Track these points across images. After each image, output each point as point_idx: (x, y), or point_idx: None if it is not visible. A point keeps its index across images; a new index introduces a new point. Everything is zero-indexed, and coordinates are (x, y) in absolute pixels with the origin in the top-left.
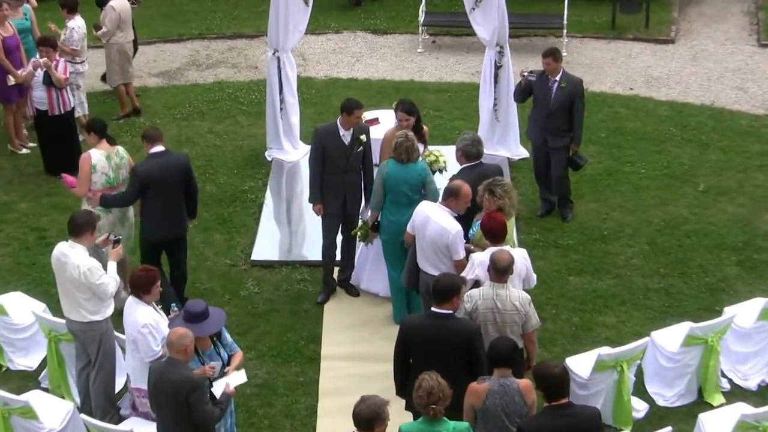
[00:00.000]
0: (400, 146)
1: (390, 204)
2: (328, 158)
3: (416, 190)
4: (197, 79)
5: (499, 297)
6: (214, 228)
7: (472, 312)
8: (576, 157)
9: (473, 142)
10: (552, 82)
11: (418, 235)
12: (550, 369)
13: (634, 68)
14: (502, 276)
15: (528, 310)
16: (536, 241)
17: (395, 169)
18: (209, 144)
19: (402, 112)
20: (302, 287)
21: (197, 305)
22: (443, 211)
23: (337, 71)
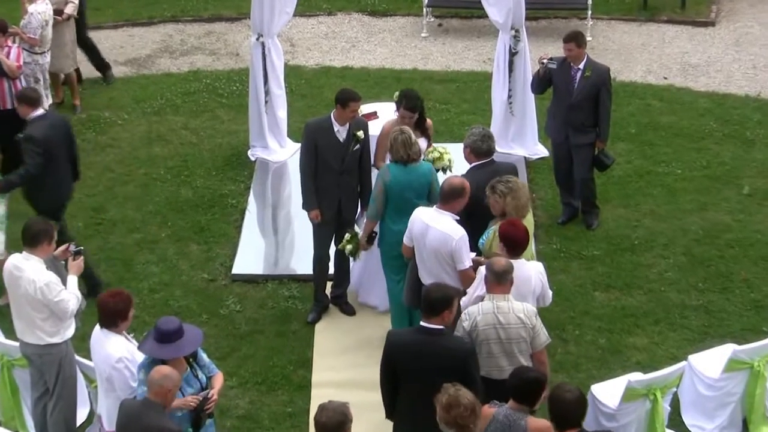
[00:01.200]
0: (396, 141)
1: (392, 212)
2: (321, 158)
3: (422, 195)
4: (170, 67)
5: (501, 310)
6: (190, 237)
7: (472, 330)
8: (602, 156)
9: (483, 138)
10: (575, 70)
11: (418, 245)
12: (563, 393)
13: (668, 54)
14: (500, 283)
15: (536, 324)
16: (557, 252)
17: (398, 172)
18: (184, 142)
19: (405, 109)
20: (290, 305)
21: (170, 323)
22: (442, 215)
23: (330, 59)
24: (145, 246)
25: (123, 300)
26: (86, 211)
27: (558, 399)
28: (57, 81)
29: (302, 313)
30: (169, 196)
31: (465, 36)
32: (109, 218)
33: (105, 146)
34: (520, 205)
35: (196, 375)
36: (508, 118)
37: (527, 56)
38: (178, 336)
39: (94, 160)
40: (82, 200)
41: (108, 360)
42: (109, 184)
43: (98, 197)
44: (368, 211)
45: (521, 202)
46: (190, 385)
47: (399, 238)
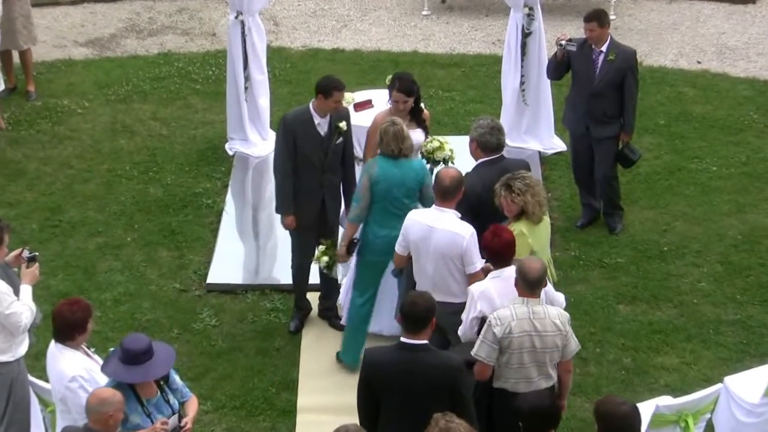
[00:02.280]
0: (387, 133)
1: (378, 215)
2: (301, 155)
3: (412, 195)
4: (137, 49)
5: (537, 316)
6: (159, 242)
7: (504, 338)
8: (627, 151)
9: (491, 130)
10: (596, 53)
11: (418, 252)
12: (616, 407)
13: (703, 35)
14: (534, 290)
15: (569, 330)
16: (575, 260)
17: (387, 167)
18: (153, 134)
19: (399, 92)
20: (273, 318)
21: (138, 341)
22: (444, 213)
23: (319, 40)
24: (108, 252)
25: (81, 309)
26: (41, 212)
27: (610, 413)
28: (8, 61)
29: (286, 328)
30: (135, 195)
31: (472, 14)
32: (68, 220)
33: (63, 138)
34: (542, 202)
35: (167, 400)
36: (520, 107)
37: (542, 37)
38: (147, 356)
39: (50, 154)
40: (37, 200)
41: (61, 378)
42: (68, 181)
43: (55, 196)
44: (350, 212)
45: (542, 198)
46: (161, 412)
47: (387, 245)
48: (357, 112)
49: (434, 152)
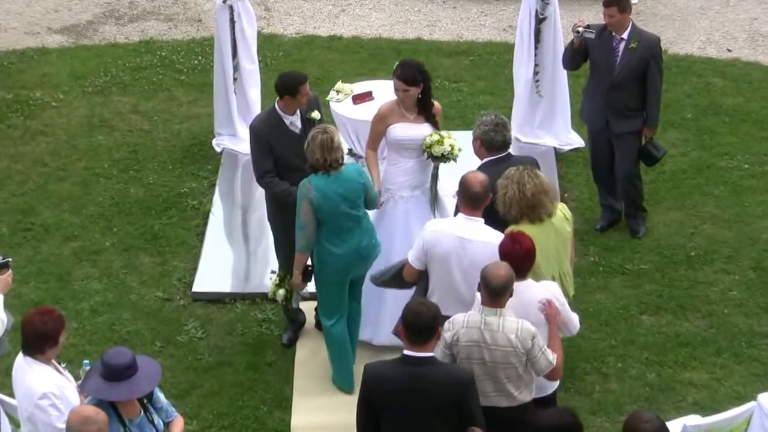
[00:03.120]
0: (313, 141)
1: (329, 234)
2: (280, 159)
3: (357, 204)
4: (116, 36)
5: (489, 327)
6: (140, 247)
7: (453, 344)
8: (651, 147)
9: (496, 127)
10: (617, 41)
11: (446, 268)
12: (641, 424)
13: (733, 21)
14: (495, 299)
15: (531, 348)
16: (595, 266)
17: (324, 187)
18: (133, 128)
19: (398, 78)
20: (264, 330)
21: (120, 355)
22: (476, 222)
23: (314, 26)
24: (85, 257)
25: (53, 320)
26: (13, 214)
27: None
28: None
29: (278, 341)
30: (114, 195)
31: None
32: (41, 223)
33: (36, 134)
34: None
35: (151, 420)
36: (534, 99)
37: (558, 23)
38: (131, 372)
39: (22, 150)
40: (7, 200)
41: (30, 395)
42: (41, 180)
43: (27, 197)
44: (297, 243)
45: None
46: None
47: (344, 262)
48: (356, 104)
49: (432, 147)
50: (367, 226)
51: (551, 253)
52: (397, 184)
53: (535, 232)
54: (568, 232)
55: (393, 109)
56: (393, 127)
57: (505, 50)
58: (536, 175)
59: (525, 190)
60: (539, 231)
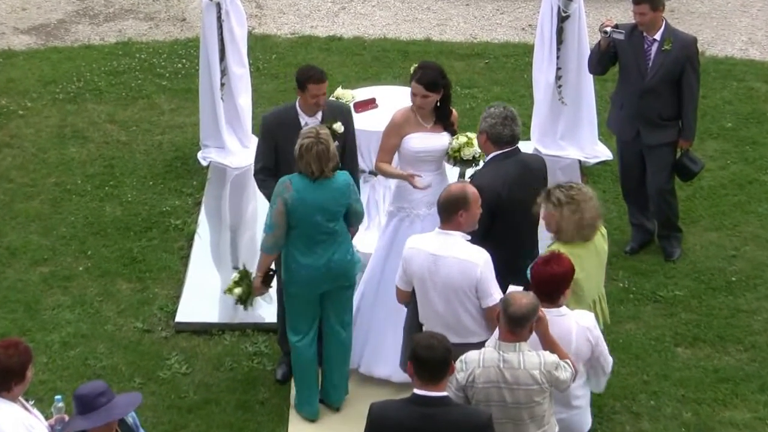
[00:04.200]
0: (309, 151)
1: (298, 241)
2: (285, 164)
3: (335, 217)
4: (91, 37)
5: (509, 364)
6: (118, 272)
7: (468, 386)
8: (687, 160)
9: (504, 120)
10: (649, 42)
11: (423, 286)
12: None
13: None
14: (514, 330)
15: (555, 378)
16: (624, 293)
17: (304, 190)
18: (110, 140)
19: (418, 83)
20: (256, 365)
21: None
22: (449, 237)
23: (311, 25)
24: (55, 283)
25: (19, 354)
26: None
27: None
28: None
29: (272, 376)
30: (88, 215)
31: None
32: (6, 245)
33: (1, 146)
34: (586, 222)
35: None
36: (556, 107)
37: (583, 22)
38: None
39: None
40: None
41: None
42: (6, 198)
43: None
44: (263, 242)
45: (588, 217)
46: None
47: (311, 276)
48: (358, 112)
49: (461, 149)
50: (343, 240)
51: (593, 275)
52: (412, 201)
53: (582, 252)
54: (605, 250)
55: (408, 118)
56: (409, 137)
57: (524, 52)
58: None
59: (583, 211)
60: (586, 251)
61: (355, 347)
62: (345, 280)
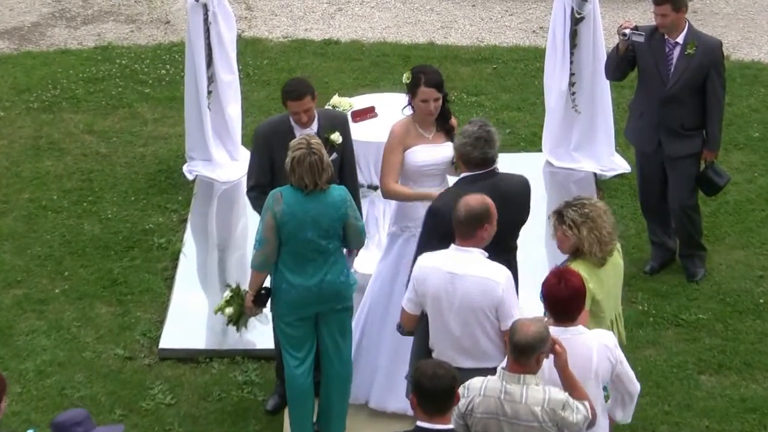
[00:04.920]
0: (301, 164)
1: (288, 258)
2: (282, 180)
3: (331, 235)
4: (68, 41)
5: (510, 397)
6: (97, 295)
7: (467, 413)
8: (711, 173)
9: (476, 141)
10: (671, 45)
11: (438, 309)
12: None
13: None
14: (519, 360)
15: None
16: (644, 316)
17: (295, 203)
18: (88, 152)
19: (428, 86)
20: (246, 395)
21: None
22: (468, 254)
23: (305, 28)
24: (29, 307)
25: None
26: None
27: None
28: None
29: (263, 407)
30: (65, 232)
31: None
32: None
33: None
34: (605, 238)
35: None
36: (569, 115)
37: (598, 24)
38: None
39: None
40: None
41: None
42: None
43: None
44: (253, 259)
45: (606, 234)
46: None
47: (302, 296)
48: (356, 122)
49: None
50: (336, 260)
51: (612, 293)
52: (417, 219)
53: (602, 271)
54: (621, 266)
55: (408, 129)
56: (412, 150)
57: (535, 57)
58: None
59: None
60: (605, 270)
61: (362, 380)
62: (338, 302)
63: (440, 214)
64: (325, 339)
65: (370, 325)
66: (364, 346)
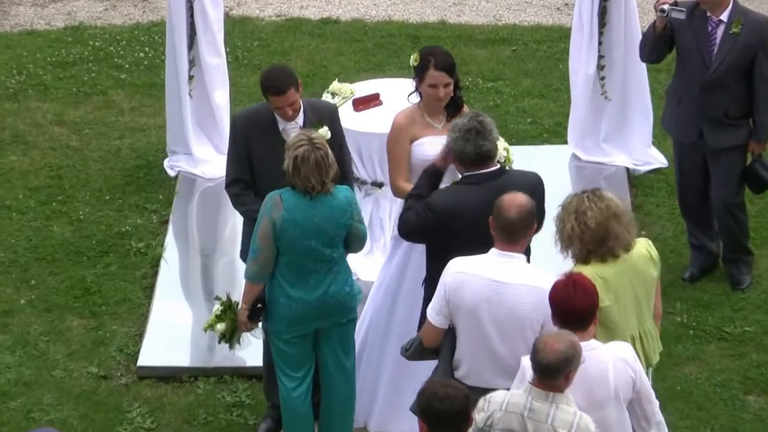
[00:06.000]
0: (306, 161)
1: (287, 269)
2: (260, 174)
3: (336, 242)
4: (34, 21)
5: (534, 415)
6: (67, 306)
7: (485, 429)
8: (759, 167)
9: (467, 134)
10: (714, 23)
11: (477, 321)
12: None
13: None
14: (544, 379)
15: None
16: (683, 328)
17: (297, 210)
18: (58, 145)
19: (438, 69)
20: (235, 418)
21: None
22: (515, 259)
23: (301, 5)
24: None
25: None
26: None
27: None
28: None
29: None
30: (32, 236)
31: None
32: None
33: None
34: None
35: None
36: (598, 103)
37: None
38: None
39: None
40: None
41: None
42: None
43: None
44: (247, 269)
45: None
46: None
47: (302, 311)
48: (358, 111)
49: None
50: (341, 269)
51: (630, 304)
52: None
53: (610, 273)
54: (653, 276)
55: (413, 119)
56: (419, 143)
57: (559, 37)
58: (600, 198)
59: (586, 220)
60: (614, 272)
61: (362, 401)
62: (342, 315)
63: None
64: (326, 356)
65: (371, 340)
66: (364, 363)
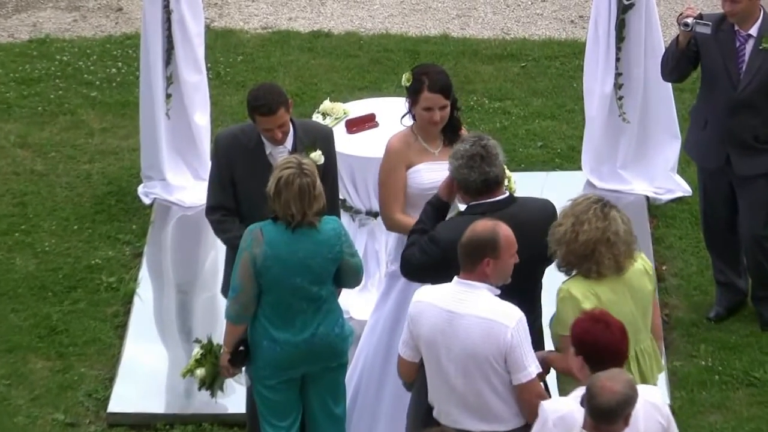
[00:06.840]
0: (289, 185)
1: (270, 310)
2: (245, 199)
3: (324, 279)
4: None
5: None
6: (31, 346)
7: None
8: None
9: (470, 160)
10: (743, 38)
11: (436, 356)
12: None
13: None
14: (603, 424)
15: None
16: (708, 373)
17: (280, 245)
18: (21, 170)
19: (431, 91)
20: None
21: None
22: (474, 289)
23: (289, 17)
24: None
25: None
26: None
27: None
28: None
29: None
30: None
31: None
32: None
33: None
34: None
35: None
36: (615, 125)
37: (652, 11)
38: None
39: None
40: None
41: None
42: None
43: None
44: (227, 308)
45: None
46: None
47: (290, 356)
48: (351, 133)
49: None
50: (330, 308)
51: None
52: None
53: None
54: (649, 290)
55: (408, 144)
56: (414, 170)
57: (573, 52)
58: (604, 217)
59: (579, 231)
60: (608, 288)
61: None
62: (332, 359)
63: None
64: (313, 404)
65: (365, 387)
66: (357, 412)
